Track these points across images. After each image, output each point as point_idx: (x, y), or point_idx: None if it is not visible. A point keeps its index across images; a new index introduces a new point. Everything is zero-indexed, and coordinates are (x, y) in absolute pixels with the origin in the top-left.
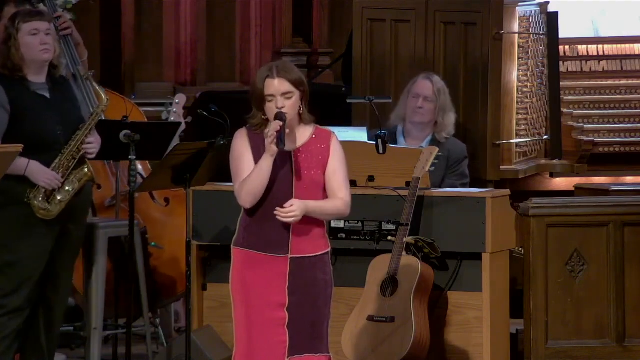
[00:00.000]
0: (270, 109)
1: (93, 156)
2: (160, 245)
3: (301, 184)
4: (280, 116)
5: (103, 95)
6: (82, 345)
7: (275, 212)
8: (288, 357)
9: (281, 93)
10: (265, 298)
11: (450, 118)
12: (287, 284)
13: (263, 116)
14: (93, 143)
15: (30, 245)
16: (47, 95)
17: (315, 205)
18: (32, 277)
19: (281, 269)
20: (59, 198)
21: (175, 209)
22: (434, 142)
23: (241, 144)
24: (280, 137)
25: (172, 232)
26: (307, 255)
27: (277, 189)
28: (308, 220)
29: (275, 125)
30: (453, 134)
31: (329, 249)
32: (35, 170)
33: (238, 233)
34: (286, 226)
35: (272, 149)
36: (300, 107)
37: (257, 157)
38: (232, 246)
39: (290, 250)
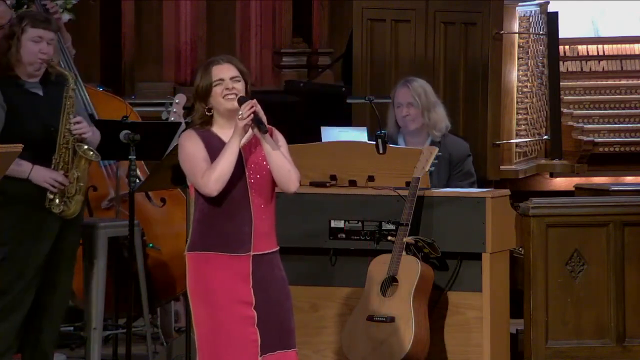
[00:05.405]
0: (217, 93)
1: (88, 135)
2: (157, 247)
3: (253, 176)
4: (243, 99)
5: (67, 74)
6: (82, 345)
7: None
8: (261, 355)
9: (230, 77)
10: (232, 298)
11: (438, 113)
12: (252, 283)
13: (207, 110)
14: (80, 122)
15: (27, 244)
16: (40, 93)
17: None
18: (25, 276)
19: (244, 267)
20: (73, 193)
21: (172, 209)
22: (433, 143)
23: (192, 142)
24: (258, 120)
25: (170, 233)
26: (266, 252)
27: (231, 185)
28: (266, 217)
29: (248, 106)
30: (449, 129)
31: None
32: (37, 174)
33: (192, 238)
34: (247, 224)
35: (240, 131)
36: None
37: (210, 153)
38: (186, 252)
39: (252, 247)
